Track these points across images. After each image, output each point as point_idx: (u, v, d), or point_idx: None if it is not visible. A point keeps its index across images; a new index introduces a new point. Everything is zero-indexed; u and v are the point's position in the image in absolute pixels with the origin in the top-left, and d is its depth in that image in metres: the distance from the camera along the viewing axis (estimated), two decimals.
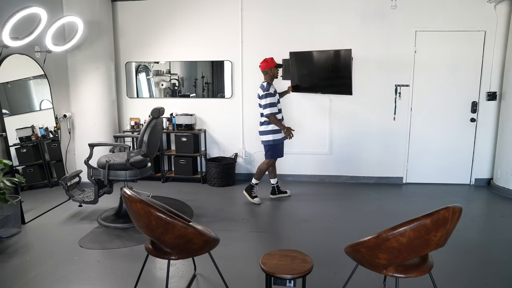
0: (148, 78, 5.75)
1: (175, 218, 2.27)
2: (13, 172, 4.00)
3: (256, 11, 5.32)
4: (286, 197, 4.91)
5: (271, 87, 4.47)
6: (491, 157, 5.32)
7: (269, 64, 4.48)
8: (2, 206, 3.69)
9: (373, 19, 5.17)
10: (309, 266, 2.32)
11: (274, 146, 4.53)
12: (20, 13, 3.75)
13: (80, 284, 2.91)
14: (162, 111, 4.12)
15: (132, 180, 4.03)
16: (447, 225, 2.05)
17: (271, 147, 4.54)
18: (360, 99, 5.35)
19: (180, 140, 5.48)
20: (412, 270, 2.20)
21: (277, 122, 4.41)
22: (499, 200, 4.85)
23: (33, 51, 4.45)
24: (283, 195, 4.93)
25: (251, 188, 4.71)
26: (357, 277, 2.90)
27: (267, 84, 4.48)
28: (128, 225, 3.95)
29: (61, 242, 3.63)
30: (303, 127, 5.50)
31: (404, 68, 5.24)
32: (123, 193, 2.40)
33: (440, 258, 3.24)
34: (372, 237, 2.13)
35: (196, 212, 4.43)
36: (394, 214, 4.36)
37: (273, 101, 4.39)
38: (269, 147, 4.55)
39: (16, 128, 4.18)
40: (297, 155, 5.60)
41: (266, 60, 4.50)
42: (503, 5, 4.97)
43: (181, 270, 3.12)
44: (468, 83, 5.20)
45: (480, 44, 5.10)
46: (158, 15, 5.49)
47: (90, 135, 5.14)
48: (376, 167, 5.53)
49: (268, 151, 4.59)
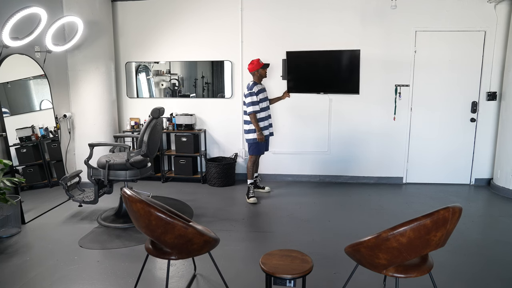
0: (148, 78, 5.75)
1: (175, 218, 2.27)
2: (13, 172, 4.00)
3: (256, 11, 5.33)
4: (265, 193, 5.07)
5: (255, 86, 4.60)
6: (491, 157, 5.33)
7: (255, 66, 4.62)
8: (2, 206, 3.69)
9: (373, 19, 5.17)
10: (309, 266, 2.32)
11: (257, 144, 4.70)
12: (20, 13, 3.75)
13: (80, 284, 2.91)
14: (162, 111, 4.12)
15: (132, 180, 4.03)
16: (447, 225, 2.05)
17: (253, 144, 4.71)
18: (360, 99, 5.35)
19: (180, 140, 5.48)
20: (412, 270, 2.20)
21: (255, 123, 4.57)
22: (499, 200, 4.85)
23: (33, 51, 4.45)
24: (260, 190, 5.11)
25: (248, 190, 4.80)
26: (357, 277, 2.91)
27: (253, 84, 4.63)
28: (128, 225, 3.96)
29: (61, 242, 3.63)
30: (303, 127, 5.50)
31: (404, 68, 5.24)
32: (123, 193, 2.40)
33: (440, 258, 3.24)
34: (372, 237, 2.13)
35: (196, 212, 4.43)
36: (394, 214, 4.36)
37: (254, 100, 4.55)
38: (251, 144, 4.73)
39: (16, 128, 4.18)
40: (297, 155, 5.60)
41: (252, 62, 4.64)
42: (503, 5, 4.97)
43: (181, 270, 3.12)
44: (468, 83, 5.20)
45: (480, 44, 5.10)
46: (158, 15, 5.49)
47: (90, 135, 5.14)
48: (376, 167, 5.53)
49: (250, 147, 4.75)
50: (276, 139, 5.53)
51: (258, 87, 4.63)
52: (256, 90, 4.58)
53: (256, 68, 4.61)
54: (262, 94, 4.68)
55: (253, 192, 4.78)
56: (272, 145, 5.44)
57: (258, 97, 4.60)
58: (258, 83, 4.68)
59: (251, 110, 4.55)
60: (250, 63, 4.66)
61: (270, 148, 5.23)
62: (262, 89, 4.70)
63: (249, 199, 4.73)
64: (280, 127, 5.54)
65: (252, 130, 4.66)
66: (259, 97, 4.61)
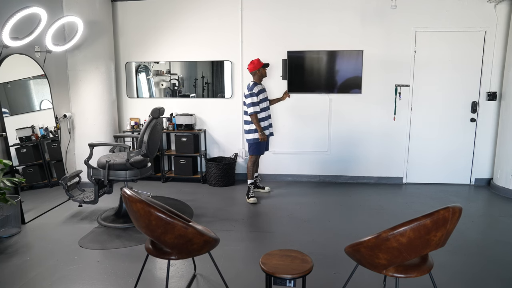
0: (148, 78, 5.75)
1: (175, 218, 2.27)
2: (13, 172, 4.00)
3: (256, 11, 5.32)
4: (265, 193, 5.07)
5: (255, 87, 4.61)
6: (491, 157, 5.33)
7: (256, 65, 4.62)
8: (2, 206, 3.69)
9: (373, 19, 5.17)
10: (309, 266, 2.32)
11: (257, 144, 4.71)
12: (20, 13, 3.75)
13: (80, 284, 2.91)
14: (162, 111, 4.12)
15: (132, 180, 4.03)
16: (447, 225, 2.05)
17: (254, 144, 4.72)
18: (360, 99, 5.36)
19: (180, 140, 5.48)
20: (412, 270, 2.20)
21: (256, 123, 4.58)
22: (499, 200, 4.85)
23: (33, 51, 4.45)
24: (260, 190, 5.12)
25: (248, 190, 4.81)
26: (357, 277, 2.91)
27: (253, 84, 4.64)
28: (128, 225, 3.96)
29: (61, 242, 3.63)
30: (303, 127, 5.50)
31: (404, 68, 5.24)
32: (123, 193, 2.40)
33: (440, 258, 3.24)
34: (372, 237, 2.13)
35: (196, 212, 4.43)
36: (394, 214, 4.36)
37: (255, 101, 4.56)
38: (251, 144, 4.73)
39: (16, 128, 4.18)
40: (297, 155, 5.60)
41: (252, 62, 4.64)
42: (503, 5, 4.97)
43: (181, 270, 3.12)
44: (468, 83, 5.20)
45: (480, 44, 5.10)
46: (158, 15, 5.49)
47: (90, 135, 5.14)
48: (376, 167, 5.53)
49: (250, 147, 4.76)
50: (276, 139, 5.53)
51: (258, 87, 4.64)
52: (256, 90, 4.60)
53: (257, 67, 4.62)
54: (262, 94, 4.69)
55: (253, 192, 4.79)
56: (272, 145, 5.44)
57: (259, 97, 4.62)
58: (259, 83, 4.69)
59: (252, 110, 4.56)
60: (250, 63, 4.67)
61: (270, 148, 5.24)
62: (262, 89, 4.72)
63: (249, 199, 4.74)
64: (280, 127, 5.54)
65: (252, 130, 4.67)
66: (259, 98, 4.62)
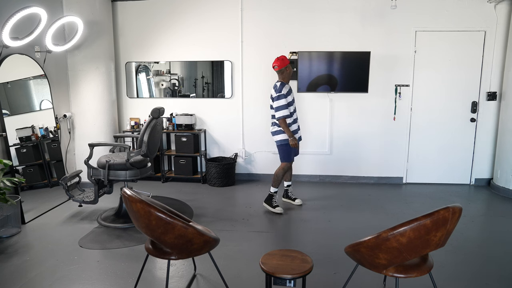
0: (148, 78, 5.75)
1: (175, 218, 2.27)
2: (13, 172, 4.00)
3: (256, 11, 5.32)
4: (293, 205, 4.61)
5: (284, 87, 4.14)
6: (491, 157, 5.33)
7: (285, 61, 4.13)
8: (2, 206, 3.69)
9: (373, 19, 5.17)
10: (309, 266, 2.32)
11: (286, 145, 4.24)
12: (20, 13, 3.75)
13: (80, 284, 2.91)
14: (162, 111, 4.11)
15: (132, 180, 4.03)
16: (447, 225, 2.05)
17: (283, 146, 4.26)
18: (360, 99, 5.36)
19: (180, 140, 5.48)
20: (412, 270, 2.20)
21: (286, 128, 4.13)
22: (499, 200, 4.85)
23: (33, 51, 4.45)
24: (291, 201, 4.66)
25: (271, 197, 4.39)
26: (357, 277, 2.91)
27: (281, 84, 4.15)
28: (128, 225, 3.96)
29: (61, 242, 3.63)
30: (303, 127, 5.50)
31: (404, 68, 5.24)
32: (123, 193, 2.40)
33: (440, 258, 3.25)
34: (372, 237, 2.13)
35: (196, 212, 4.43)
36: (394, 214, 4.36)
37: (285, 103, 4.09)
38: (281, 147, 4.28)
39: (16, 128, 4.18)
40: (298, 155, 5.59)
41: (281, 58, 4.15)
42: (503, 5, 4.97)
43: (181, 270, 3.12)
44: (468, 83, 5.20)
45: (480, 44, 5.10)
46: (158, 15, 5.49)
47: (90, 135, 5.14)
48: (376, 167, 5.53)
49: (280, 151, 4.31)
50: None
51: (286, 88, 4.15)
52: (285, 91, 4.11)
53: (286, 63, 4.12)
54: (291, 96, 4.19)
55: (276, 201, 4.39)
56: (272, 145, 5.43)
57: (287, 99, 4.13)
58: (286, 83, 4.20)
59: (281, 115, 4.07)
60: (277, 59, 4.15)
61: (270, 148, 5.21)
62: (290, 90, 4.20)
63: (275, 208, 4.33)
64: None
65: (279, 131, 4.21)
66: (288, 100, 4.13)
